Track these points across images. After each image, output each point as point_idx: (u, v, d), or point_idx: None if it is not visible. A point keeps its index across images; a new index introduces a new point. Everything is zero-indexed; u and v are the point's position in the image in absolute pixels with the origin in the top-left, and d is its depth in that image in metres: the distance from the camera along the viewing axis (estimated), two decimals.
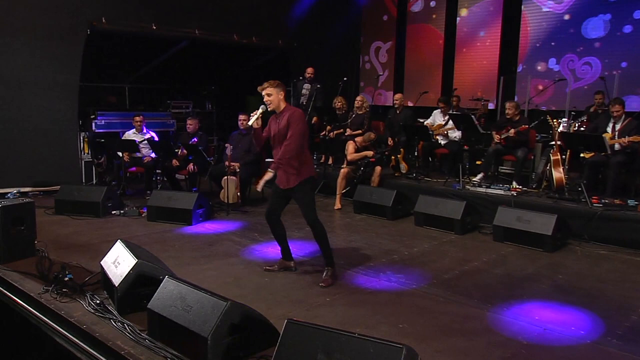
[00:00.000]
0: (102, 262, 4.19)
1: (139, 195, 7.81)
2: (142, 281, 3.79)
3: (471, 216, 6.28)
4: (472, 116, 7.18)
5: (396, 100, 8.75)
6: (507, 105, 7.14)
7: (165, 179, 8.05)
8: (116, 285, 3.79)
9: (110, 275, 3.97)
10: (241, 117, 7.61)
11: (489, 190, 6.65)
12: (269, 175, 4.35)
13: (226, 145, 7.09)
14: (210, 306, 3.10)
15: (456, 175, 7.32)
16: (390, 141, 8.33)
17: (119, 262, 4.03)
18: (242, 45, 10.25)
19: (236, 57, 10.87)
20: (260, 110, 4.34)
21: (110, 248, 4.20)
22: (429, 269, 4.87)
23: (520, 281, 4.63)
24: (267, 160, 8.41)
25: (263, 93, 4.34)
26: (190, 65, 10.64)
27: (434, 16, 10.46)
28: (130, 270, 3.81)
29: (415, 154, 7.90)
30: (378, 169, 7.51)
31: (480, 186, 6.81)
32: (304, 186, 4.38)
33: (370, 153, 7.52)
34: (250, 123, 4.33)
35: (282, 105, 4.39)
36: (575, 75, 8.64)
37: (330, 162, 8.87)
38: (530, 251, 5.45)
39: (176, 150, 7.73)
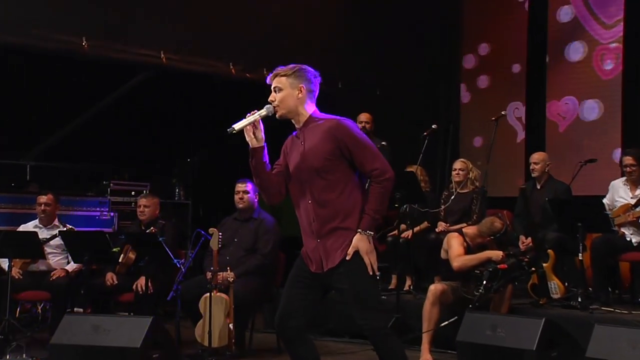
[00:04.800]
0: None
1: (38, 344, 7.65)
2: None
3: None
4: None
5: (535, 163, 8.57)
6: None
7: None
8: None
9: None
10: (240, 187, 7.78)
11: None
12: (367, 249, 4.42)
13: (210, 231, 7.04)
14: None
15: None
16: (525, 241, 8.17)
17: None
18: (243, 83, 10.38)
19: (234, 106, 10.81)
20: (260, 113, 4.45)
21: None
22: None
23: None
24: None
25: (272, 86, 4.55)
26: (149, 117, 10.76)
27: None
28: None
29: (580, 257, 7.45)
30: (509, 288, 7.26)
31: None
32: (358, 264, 4.38)
33: (498, 254, 7.17)
34: (235, 127, 4.39)
35: (304, 111, 4.53)
36: None
37: (407, 286, 8.81)
38: None
39: (114, 250, 7.70)
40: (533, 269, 7.68)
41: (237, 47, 10.26)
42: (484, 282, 7.03)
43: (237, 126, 4.33)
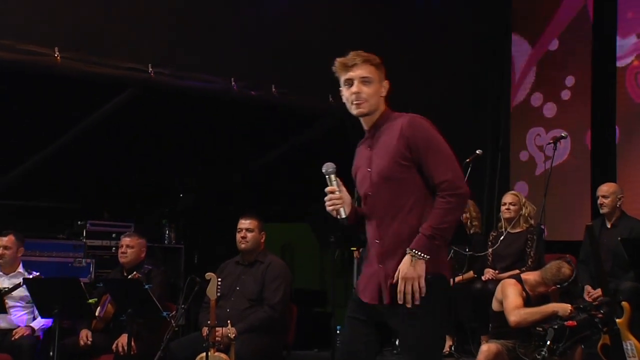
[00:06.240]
0: None
1: None
2: None
3: None
4: None
5: (603, 197, 8.65)
6: None
7: None
8: None
9: None
10: (243, 224, 7.84)
11: None
12: None
13: (207, 277, 7.06)
14: None
15: None
16: (591, 291, 8.38)
17: None
18: (247, 104, 10.35)
19: (235, 130, 10.97)
20: (332, 180, 4.49)
21: None
22: None
23: None
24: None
25: (346, 76, 4.48)
26: (133, 144, 10.73)
27: None
28: None
29: None
30: (578, 350, 7.25)
31: None
32: (425, 295, 4.31)
33: (566, 308, 7.11)
34: (344, 214, 4.50)
35: (382, 106, 4.54)
36: None
37: (447, 347, 8.83)
38: None
39: (90, 302, 7.69)
40: (606, 328, 7.58)
41: (241, 60, 10.26)
42: (548, 342, 6.96)
43: (344, 213, 4.44)
